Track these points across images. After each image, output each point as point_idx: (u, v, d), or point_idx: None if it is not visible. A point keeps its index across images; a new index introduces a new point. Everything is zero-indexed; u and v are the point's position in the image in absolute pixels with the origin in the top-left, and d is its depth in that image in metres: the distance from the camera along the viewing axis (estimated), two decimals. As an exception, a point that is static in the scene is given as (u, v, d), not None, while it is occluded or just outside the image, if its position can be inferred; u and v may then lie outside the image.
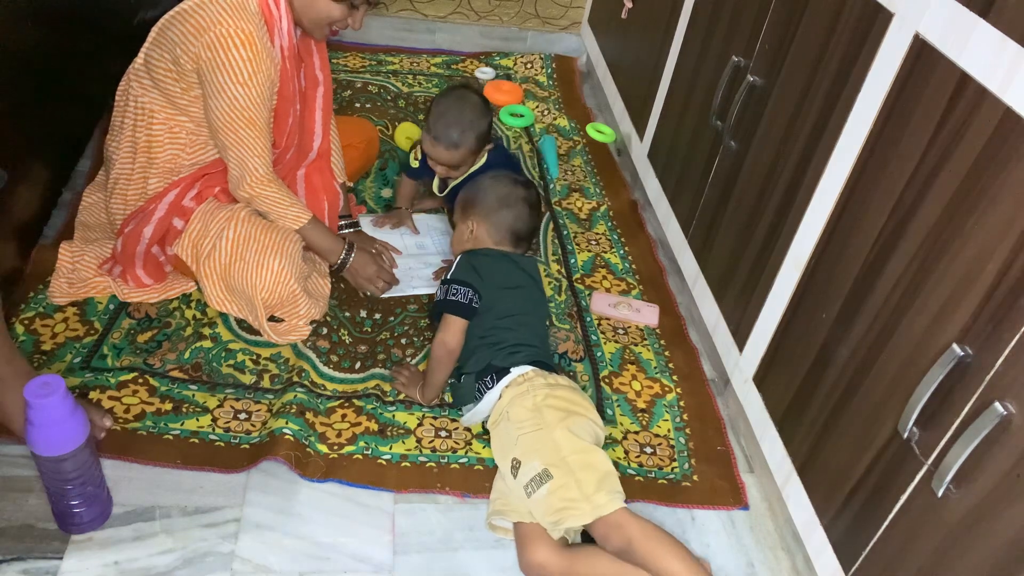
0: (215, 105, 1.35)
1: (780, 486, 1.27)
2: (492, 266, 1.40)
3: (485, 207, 1.47)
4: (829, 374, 1.15)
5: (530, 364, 1.31)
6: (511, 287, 1.40)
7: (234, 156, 1.39)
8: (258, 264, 1.39)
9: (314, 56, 1.54)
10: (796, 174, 1.28)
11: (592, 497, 1.14)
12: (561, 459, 1.18)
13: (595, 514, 1.13)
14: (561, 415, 1.23)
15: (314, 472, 1.25)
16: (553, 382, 1.29)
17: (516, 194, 1.48)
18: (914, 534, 0.96)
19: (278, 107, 1.44)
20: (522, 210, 1.47)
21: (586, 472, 1.17)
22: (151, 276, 1.49)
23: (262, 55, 1.32)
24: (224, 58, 1.30)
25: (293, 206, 1.46)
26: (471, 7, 2.64)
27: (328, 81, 1.58)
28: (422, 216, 1.84)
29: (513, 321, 1.36)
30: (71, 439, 1.03)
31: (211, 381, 1.38)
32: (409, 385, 1.41)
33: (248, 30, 1.30)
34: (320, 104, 1.58)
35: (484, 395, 1.31)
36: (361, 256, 1.57)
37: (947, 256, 0.93)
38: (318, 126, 1.59)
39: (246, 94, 1.33)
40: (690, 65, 1.78)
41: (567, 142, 2.26)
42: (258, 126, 1.37)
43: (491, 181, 1.51)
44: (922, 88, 1.00)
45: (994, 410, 0.84)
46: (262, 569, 1.13)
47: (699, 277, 1.63)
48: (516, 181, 1.51)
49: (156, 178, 1.44)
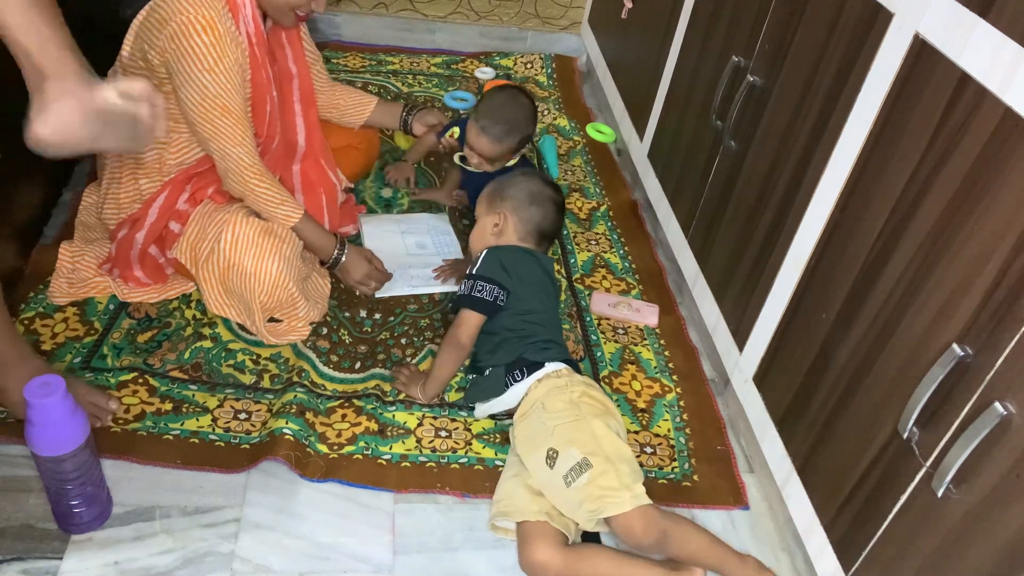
0: (186, 96, 1.34)
1: (780, 486, 1.27)
2: (518, 262, 1.41)
3: (516, 201, 1.48)
4: (829, 374, 1.15)
5: (563, 362, 1.33)
6: (535, 283, 1.41)
7: (216, 148, 1.38)
8: (256, 267, 1.38)
9: (286, 49, 1.52)
10: (796, 174, 1.28)
11: (632, 487, 1.16)
12: (600, 448, 1.19)
13: (635, 503, 1.14)
14: (599, 409, 1.26)
15: (314, 472, 1.25)
16: (589, 382, 1.32)
17: (546, 194, 1.49)
18: (914, 534, 0.96)
19: (254, 96, 1.42)
20: (551, 210, 1.49)
21: (623, 464, 1.18)
22: (151, 277, 1.49)
23: (225, 39, 1.31)
24: (187, 45, 1.29)
25: (285, 203, 1.45)
26: (471, 7, 2.64)
27: (304, 73, 1.56)
28: (423, 216, 1.84)
29: (539, 317, 1.38)
30: (71, 439, 1.03)
31: (211, 381, 1.38)
32: (409, 384, 1.41)
33: (209, 16, 1.29)
34: (297, 96, 1.56)
35: (511, 387, 1.32)
36: (354, 255, 1.57)
37: (947, 256, 0.93)
38: (299, 119, 1.57)
39: (214, 80, 1.32)
40: (690, 65, 1.78)
41: (567, 142, 2.26)
42: (233, 114, 1.36)
43: (523, 178, 1.52)
44: (922, 88, 1.00)
45: (994, 410, 0.84)
46: (262, 569, 1.13)
47: (699, 277, 1.63)
48: (546, 181, 1.52)
49: (146, 179, 1.43)
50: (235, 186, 1.42)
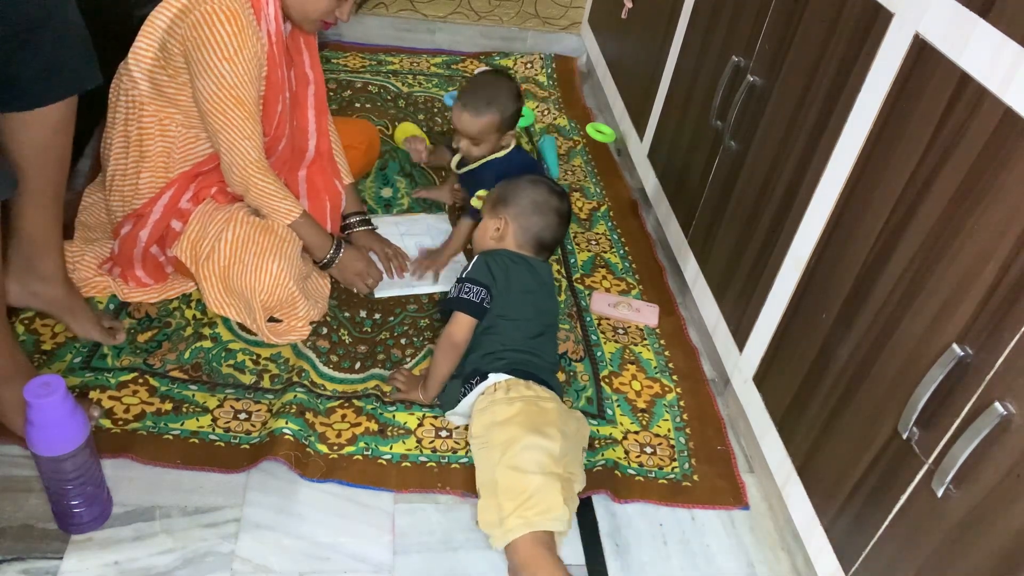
0: (203, 86, 1.34)
1: (780, 486, 1.27)
2: (508, 269, 1.40)
3: (518, 208, 1.46)
4: (829, 374, 1.15)
5: (509, 372, 1.31)
6: (523, 291, 1.40)
7: (224, 140, 1.38)
8: (256, 266, 1.39)
9: (304, 54, 1.53)
10: (796, 174, 1.28)
11: (505, 521, 1.14)
12: (492, 478, 1.19)
13: (503, 540, 1.14)
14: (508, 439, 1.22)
15: (314, 472, 1.25)
16: (515, 395, 1.28)
17: (551, 203, 1.47)
18: (914, 534, 0.96)
19: (267, 94, 1.43)
20: (552, 220, 1.47)
21: (506, 496, 1.16)
22: (152, 276, 1.49)
23: (247, 31, 1.32)
24: (209, 34, 1.30)
25: (285, 199, 1.45)
26: (471, 7, 2.64)
27: (320, 80, 1.58)
28: (422, 216, 1.84)
29: (512, 326, 1.36)
30: (71, 439, 1.03)
31: (211, 381, 1.38)
32: (409, 389, 1.40)
33: (233, 7, 1.30)
34: (312, 103, 1.57)
35: (463, 399, 1.33)
36: (350, 254, 1.57)
37: (947, 256, 0.94)
38: (311, 124, 1.58)
39: (232, 70, 1.32)
40: (690, 65, 1.78)
41: (567, 142, 2.26)
42: (246, 107, 1.36)
43: (529, 184, 1.50)
44: (922, 88, 1.00)
45: (994, 410, 0.84)
46: (262, 569, 1.13)
47: (699, 277, 1.63)
48: (553, 190, 1.49)
49: (148, 172, 1.44)
50: (238, 180, 1.42)
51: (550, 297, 1.47)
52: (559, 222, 1.48)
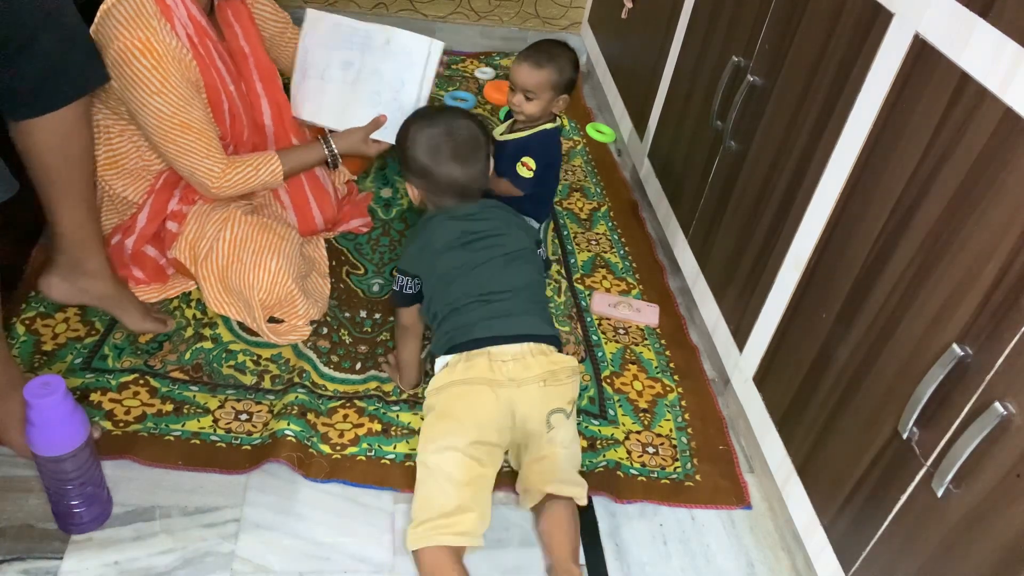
0: (144, 122, 1.33)
1: (780, 486, 1.27)
2: (429, 242, 1.30)
3: (410, 165, 1.33)
4: (829, 374, 1.15)
5: (447, 351, 1.25)
6: (456, 247, 1.28)
7: (184, 165, 1.37)
8: (255, 264, 1.39)
9: (235, 27, 1.48)
10: (796, 174, 1.28)
11: (416, 528, 1.14)
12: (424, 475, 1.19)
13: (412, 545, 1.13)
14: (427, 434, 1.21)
15: (318, 473, 1.26)
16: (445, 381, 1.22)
17: (434, 135, 1.30)
18: (914, 534, 0.96)
19: (209, 98, 1.40)
20: (448, 152, 1.28)
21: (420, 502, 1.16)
22: (152, 278, 1.49)
23: (166, 59, 1.29)
24: (130, 72, 1.28)
25: (262, 166, 1.45)
26: (471, 7, 2.65)
27: (257, 48, 1.51)
28: (397, 32, 1.73)
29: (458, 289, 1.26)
30: (71, 439, 1.03)
31: (212, 382, 1.38)
32: (392, 374, 1.44)
33: (143, 37, 1.26)
34: (256, 76, 1.52)
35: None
36: (342, 137, 1.56)
37: (947, 256, 0.93)
38: (263, 100, 1.54)
39: (165, 101, 1.30)
40: (690, 65, 1.78)
41: (567, 142, 2.26)
42: (193, 128, 1.34)
43: (409, 135, 1.33)
44: (922, 88, 1.00)
45: (994, 410, 0.84)
46: (262, 569, 1.13)
47: (699, 277, 1.63)
48: (433, 118, 1.32)
49: (133, 187, 1.44)
50: (214, 194, 1.42)
51: (505, 229, 1.32)
52: (457, 149, 1.29)
